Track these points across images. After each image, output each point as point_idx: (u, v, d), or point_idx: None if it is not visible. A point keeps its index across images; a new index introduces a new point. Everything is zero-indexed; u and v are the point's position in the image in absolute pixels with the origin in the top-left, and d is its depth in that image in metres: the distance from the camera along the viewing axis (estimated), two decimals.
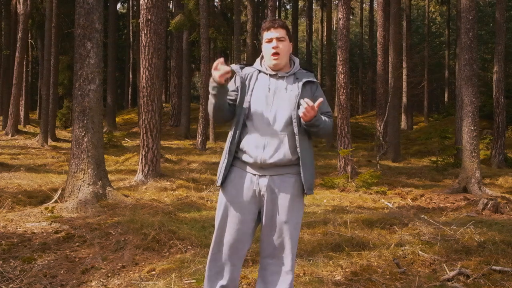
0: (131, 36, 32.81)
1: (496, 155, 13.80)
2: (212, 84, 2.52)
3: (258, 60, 2.76)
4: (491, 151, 14.18)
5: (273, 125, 2.55)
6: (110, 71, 23.24)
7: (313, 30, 42.11)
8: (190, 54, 22.28)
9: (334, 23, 35.06)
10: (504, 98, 13.92)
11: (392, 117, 15.35)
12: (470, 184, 8.59)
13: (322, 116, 2.60)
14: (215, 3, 24.56)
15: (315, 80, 2.68)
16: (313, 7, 39.28)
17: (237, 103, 2.63)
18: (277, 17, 2.86)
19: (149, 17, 8.80)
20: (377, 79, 17.09)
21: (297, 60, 2.72)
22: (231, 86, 2.67)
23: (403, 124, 23.96)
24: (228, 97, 2.63)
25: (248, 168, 2.59)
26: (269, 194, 2.57)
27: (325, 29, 33.47)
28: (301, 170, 2.57)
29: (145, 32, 8.82)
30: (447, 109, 25.90)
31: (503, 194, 8.51)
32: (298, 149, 2.56)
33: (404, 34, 23.00)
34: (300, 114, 2.48)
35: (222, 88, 2.52)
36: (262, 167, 2.56)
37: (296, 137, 2.55)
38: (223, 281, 2.67)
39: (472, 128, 8.71)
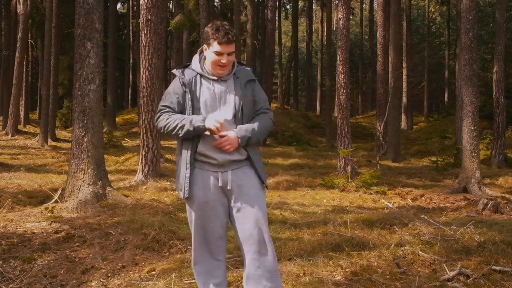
0: (131, 36, 32.79)
1: (496, 155, 13.79)
2: (200, 126, 2.54)
3: (196, 61, 2.74)
4: (491, 151, 14.17)
5: (225, 127, 2.61)
6: (110, 71, 23.22)
7: (313, 30, 42.09)
8: (190, 54, 22.25)
9: (334, 23, 35.04)
10: (504, 98, 13.92)
11: (392, 117, 15.34)
12: (470, 184, 8.59)
13: (250, 126, 2.65)
14: (215, 3, 24.54)
15: (254, 78, 2.77)
16: (313, 7, 39.27)
17: (186, 109, 2.64)
18: (228, 25, 2.63)
19: (149, 17, 8.80)
20: (377, 79, 17.08)
21: (235, 61, 2.77)
22: (176, 99, 2.67)
23: (403, 124, 23.96)
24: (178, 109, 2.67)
25: (210, 167, 2.65)
26: (236, 187, 2.65)
27: (325, 29, 33.46)
28: (254, 165, 2.69)
29: (145, 32, 8.82)
30: (447, 109, 25.89)
31: (503, 194, 8.51)
32: (248, 148, 2.67)
33: (404, 34, 23.00)
34: (224, 148, 2.58)
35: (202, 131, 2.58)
36: (223, 164, 2.64)
37: None
38: (216, 279, 2.72)
39: (472, 128, 8.71)
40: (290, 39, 37.79)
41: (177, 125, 2.58)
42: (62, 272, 3.75)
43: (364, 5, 41.53)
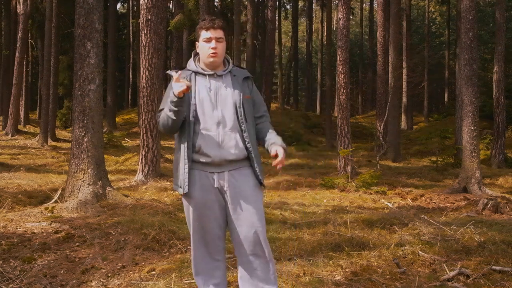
0: (131, 36, 32.77)
1: (496, 155, 13.80)
2: (172, 99, 2.50)
3: (191, 62, 2.76)
4: (491, 151, 14.18)
5: (223, 124, 2.61)
6: (110, 71, 23.20)
7: (313, 30, 42.08)
8: (190, 54, 22.17)
9: (334, 23, 35.03)
10: (504, 98, 13.93)
11: (392, 117, 15.34)
12: (470, 184, 8.59)
13: (272, 134, 2.74)
14: (215, 3, 24.55)
15: (250, 75, 2.78)
16: (313, 7, 39.26)
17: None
18: (215, 17, 2.77)
19: (149, 17, 8.80)
20: (377, 79, 17.08)
21: (230, 59, 2.78)
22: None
23: (403, 124, 23.95)
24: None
25: (206, 168, 2.63)
26: (232, 188, 2.63)
27: (325, 29, 33.46)
28: (255, 164, 2.67)
29: (145, 32, 8.82)
30: (447, 109, 25.89)
31: (503, 194, 8.50)
32: (249, 145, 2.65)
33: (404, 34, 22.99)
34: (275, 164, 2.57)
35: (182, 101, 2.52)
36: (220, 165, 2.62)
37: (245, 134, 2.64)
38: (215, 280, 2.73)
39: (472, 128, 8.71)
40: (290, 39, 37.79)
41: (164, 115, 2.57)
42: (62, 272, 3.75)
43: (364, 5, 41.52)
